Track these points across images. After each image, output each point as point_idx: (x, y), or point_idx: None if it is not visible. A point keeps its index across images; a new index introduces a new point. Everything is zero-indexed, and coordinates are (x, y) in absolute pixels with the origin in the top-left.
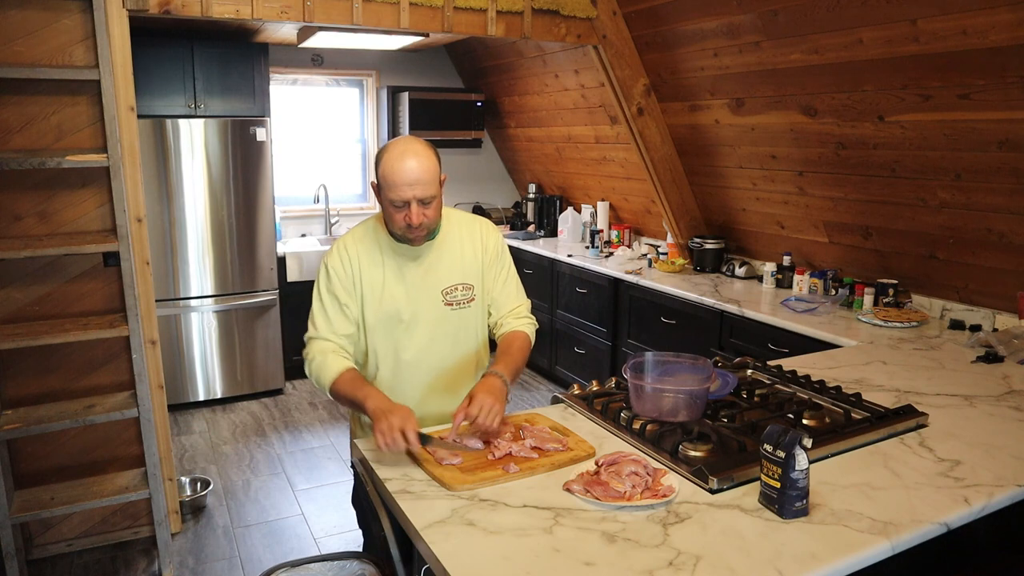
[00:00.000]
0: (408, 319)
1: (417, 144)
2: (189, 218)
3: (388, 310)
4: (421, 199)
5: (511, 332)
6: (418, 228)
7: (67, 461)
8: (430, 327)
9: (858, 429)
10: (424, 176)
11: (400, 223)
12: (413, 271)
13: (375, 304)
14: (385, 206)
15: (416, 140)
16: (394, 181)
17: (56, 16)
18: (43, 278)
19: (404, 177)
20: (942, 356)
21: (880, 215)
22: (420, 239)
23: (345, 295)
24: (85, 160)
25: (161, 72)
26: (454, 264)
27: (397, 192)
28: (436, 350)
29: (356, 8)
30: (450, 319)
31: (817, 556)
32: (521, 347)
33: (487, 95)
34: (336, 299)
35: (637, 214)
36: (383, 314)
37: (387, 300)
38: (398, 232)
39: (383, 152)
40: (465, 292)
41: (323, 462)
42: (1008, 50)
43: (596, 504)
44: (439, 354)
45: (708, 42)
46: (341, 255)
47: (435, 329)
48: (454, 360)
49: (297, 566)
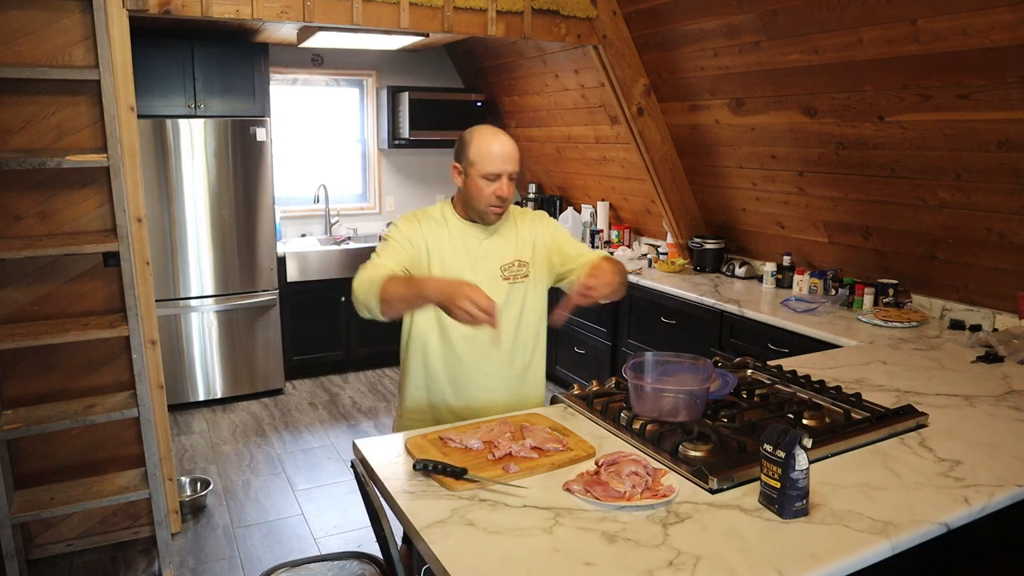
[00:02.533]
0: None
1: (502, 130)
2: (189, 218)
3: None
4: (511, 174)
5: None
6: (504, 201)
7: (67, 461)
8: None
9: (858, 429)
10: (514, 153)
11: (489, 196)
12: (475, 249)
13: (443, 272)
14: (474, 182)
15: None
16: (491, 155)
17: (56, 16)
18: (43, 278)
19: (500, 151)
20: (942, 356)
21: (880, 215)
22: (499, 215)
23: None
24: (85, 160)
25: (161, 72)
26: (510, 244)
27: (493, 165)
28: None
29: (356, 8)
30: (507, 293)
31: (817, 556)
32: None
33: (487, 95)
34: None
35: (637, 214)
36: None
37: (456, 267)
38: (482, 207)
39: (471, 135)
40: (520, 268)
41: (323, 462)
42: (1008, 50)
43: (596, 504)
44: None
45: (708, 42)
46: (410, 221)
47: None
48: (513, 331)
49: (297, 566)
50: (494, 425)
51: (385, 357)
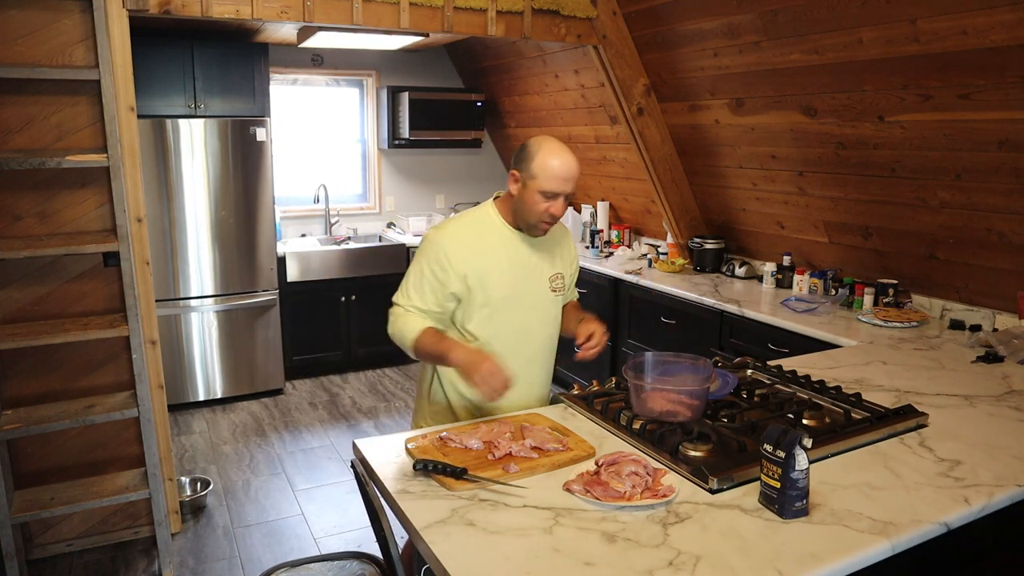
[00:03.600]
0: (529, 302)
1: (566, 146)
2: (189, 218)
3: (508, 293)
4: (568, 194)
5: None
6: (556, 220)
7: (67, 461)
8: (540, 310)
9: (858, 429)
10: (575, 174)
11: (543, 214)
12: (528, 259)
13: (498, 286)
14: (531, 196)
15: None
16: (554, 173)
17: (56, 16)
18: (43, 278)
19: (564, 172)
20: (942, 356)
21: (880, 215)
22: (547, 231)
23: (456, 282)
24: (85, 160)
25: (161, 72)
26: (556, 256)
27: (554, 184)
28: (542, 332)
29: (356, 8)
30: (552, 304)
31: (817, 556)
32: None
33: (487, 95)
34: (437, 279)
35: (637, 214)
36: (504, 295)
37: (510, 283)
38: (532, 221)
39: (537, 146)
40: (561, 281)
41: (323, 462)
42: (1008, 50)
43: (596, 504)
44: (543, 335)
45: (708, 42)
46: (455, 241)
47: (543, 312)
48: (542, 341)
49: (297, 566)
50: (494, 425)
51: (385, 357)
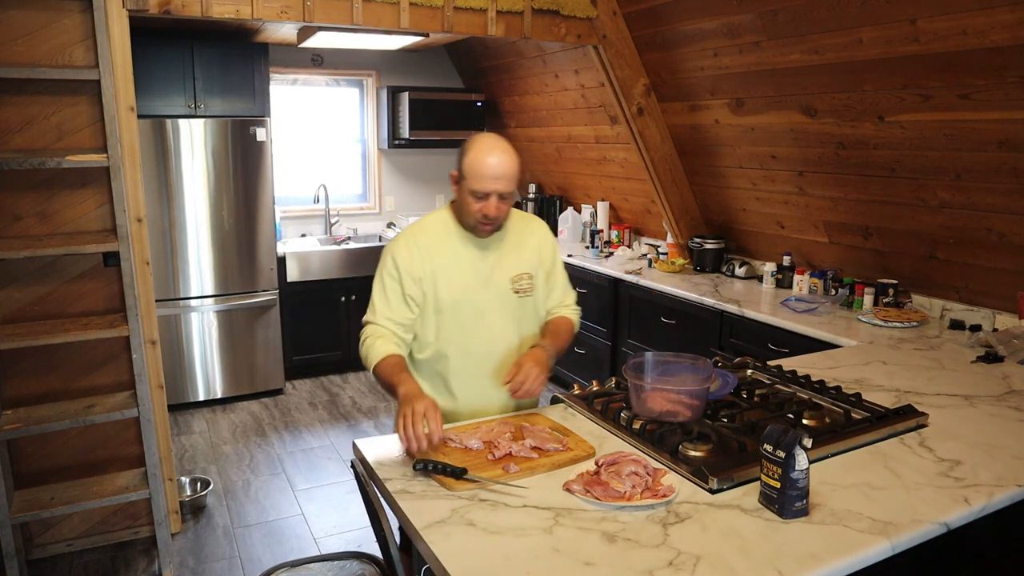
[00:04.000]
0: (482, 306)
1: (503, 142)
2: (189, 218)
3: (460, 296)
4: (501, 193)
5: (559, 317)
6: (492, 220)
7: (67, 461)
8: (500, 314)
9: (858, 429)
10: (508, 172)
11: (476, 214)
12: (484, 260)
13: (448, 290)
14: (464, 196)
15: (501, 139)
16: (480, 173)
17: (56, 16)
18: (43, 278)
19: (491, 170)
20: (942, 356)
21: (880, 215)
22: (489, 231)
23: (412, 286)
24: (85, 160)
25: (161, 72)
26: (520, 255)
27: (482, 184)
28: (505, 336)
29: (356, 8)
30: (517, 306)
31: (817, 556)
32: (567, 330)
33: (487, 95)
34: (401, 289)
35: (637, 214)
36: (455, 300)
37: (460, 287)
38: (471, 222)
39: (470, 145)
40: (528, 281)
41: (323, 462)
42: (1008, 50)
43: (596, 504)
44: (507, 340)
45: (708, 42)
46: (409, 247)
47: (505, 316)
48: (518, 345)
49: (297, 566)
50: (494, 425)
51: None
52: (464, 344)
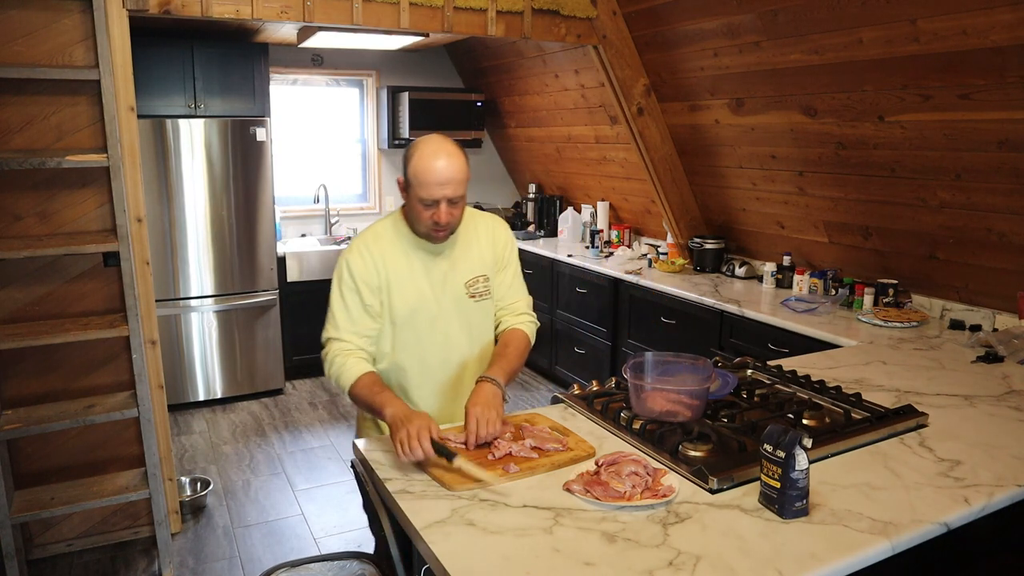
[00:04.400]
0: (436, 312)
1: (448, 144)
2: (189, 218)
3: (415, 304)
4: (450, 199)
5: (510, 331)
6: (445, 227)
7: (67, 461)
8: (456, 320)
9: (858, 429)
10: (455, 176)
11: (427, 221)
12: (438, 265)
13: (402, 299)
14: (413, 203)
15: (447, 140)
16: (426, 180)
17: (56, 16)
18: (43, 278)
19: (436, 176)
20: (942, 356)
21: (880, 215)
22: (443, 237)
23: (369, 294)
24: (85, 160)
25: (161, 72)
26: (473, 257)
27: (428, 191)
28: (460, 342)
29: (356, 8)
30: (474, 311)
31: (817, 556)
32: (518, 347)
33: (487, 95)
34: (360, 299)
35: (637, 214)
36: (410, 308)
37: (415, 295)
38: (423, 230)
39: (413, 151)
40: (484, 284)
41: (323, 462)
42: (1008, 50)
43: (596, 504)
44: (462, 346)
45: (708, 42)
46: (363, 254)
47: (460, 321)
48: (475, 351)
49: (297, 566)
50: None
51: None
52: (421, 354)
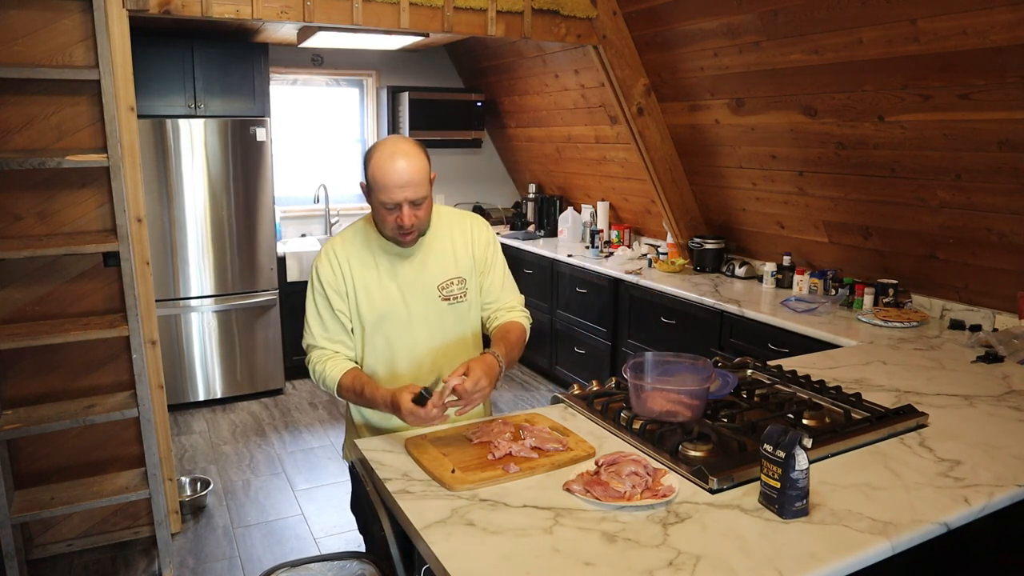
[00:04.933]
0: (405, 317)
1: (405, 144)
2: (189, 218)
3: (384, 309)
4: (412, 200)
5: (508, 321)
6: (410, 229)
7: (67, 461)
8: (427, 324)
9: (858, 429)
10: (415, 177)
11: (391, 225)
12: (407, 268)
13: (370, 305)
14: (376, 208)
15: (404, 139)
16: (384, 183)
17: (56, 16)
18: (43, 278)
19: (395, 179)
20: (942, 356)
21: (880, 215)
22: (411, 240)
23: (338, 300)
24: (85, 160)
25: (161, 72)
26: (447, 259)
27: (388, 194)
28: (434, 347)
29: (356, 8)
30: (446, 314)
31: (817, 556)
32: (518, 336)
33: (487, 95)
34: (329, 305)
35: (637, 214)
36: (379, 314)
37: (382, 300)
38: (389, 233)
39: (371, 153)
40: (460, 286)
41: (323, 462)
42: (1008, 50)
43: (596, 504)
44: (436, 351)
45: (708, 42)
46: (330, 260)
47: (432, 325)
48: (453, 356)
49: (297, 566)
50: (494, 425)
51: None
52: (391, 358)
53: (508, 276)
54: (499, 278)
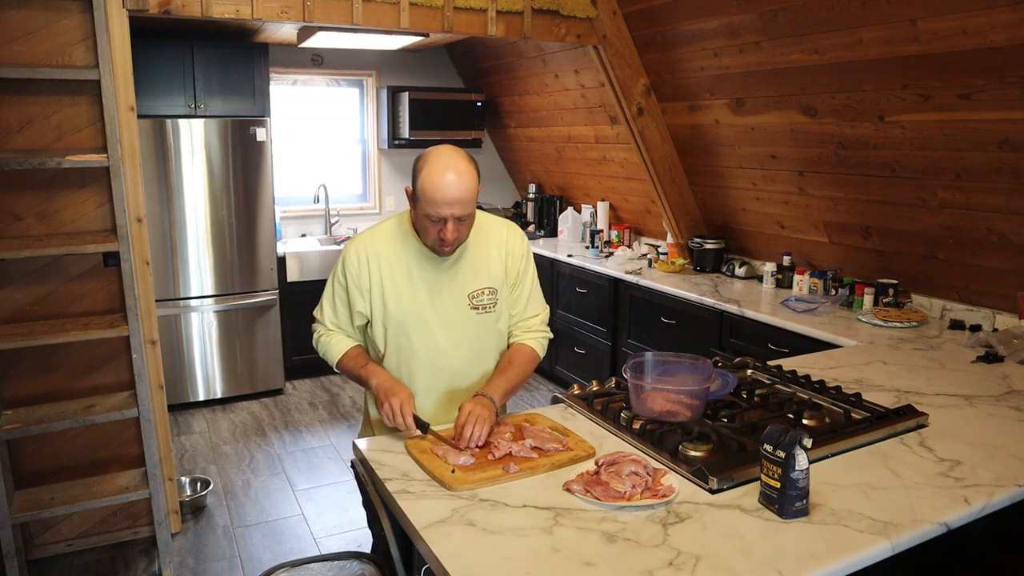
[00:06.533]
0: (431, 322)
1: (458, 159)
2: (189, 218)
3: (410, 311)
4: (458, 217)
5: (517, 345)
6: (451, 243)
7: (67, 461)
8: (452, 331)
9: (858, 429)
10: (465, 195)
11: (433, 237)
12: (439, 275)
13: (396, 305)
14: (419, 217)
15: (457, 154)
16: (433, 198)
17: (56, 16)
18: (43, 278)
19: (444, 195)
20: (942, 356)
21: (880, 215)
22: (450, 252)
23: (357, 295)
24: (85, 160)
25: (161, 72)
26: (480, 268)
27: (435, 208)
28: (459, 355)
29: (356, 8)
30: (474, 324)
31: (817, 556)
32: (522, 362)
33: (487, 95)
34: (347, 296)
35: (637, 214)
36: (404, 315)
37: (410, 302)
38: (429, 244)
39: (424, 163)
40: (491, 296)
41: (323, 462)
42: (1008, 50)
43: (596, 504)
44: (462, 359)
45: (708, 42)
46: (360, 255)
47: (457, 333)
48: (476, 365)
49: (297, 566)
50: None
51: None
52: (411, 360)
53: (536, 288)
54: (527, 292)
